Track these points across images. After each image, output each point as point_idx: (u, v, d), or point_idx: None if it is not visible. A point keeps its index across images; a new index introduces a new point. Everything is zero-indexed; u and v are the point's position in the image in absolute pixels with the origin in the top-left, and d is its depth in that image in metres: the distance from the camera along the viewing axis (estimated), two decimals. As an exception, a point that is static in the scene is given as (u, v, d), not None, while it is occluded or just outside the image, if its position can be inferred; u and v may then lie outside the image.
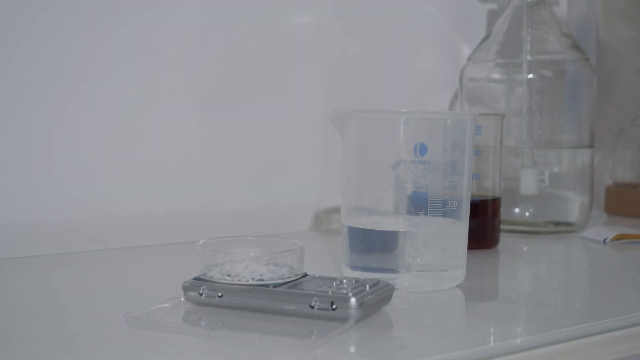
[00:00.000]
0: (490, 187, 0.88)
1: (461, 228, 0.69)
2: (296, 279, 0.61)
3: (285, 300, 0.58)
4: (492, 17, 1.09)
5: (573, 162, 1.00)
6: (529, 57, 0.97)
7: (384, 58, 1.04)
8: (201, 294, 0.60)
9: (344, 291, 0.57)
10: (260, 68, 0.95)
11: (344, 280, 0.60)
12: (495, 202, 0.87)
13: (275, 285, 0.59)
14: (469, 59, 1.01)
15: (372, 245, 0.68)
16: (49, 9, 0.81)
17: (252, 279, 0.60)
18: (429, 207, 0.67)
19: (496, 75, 0.99)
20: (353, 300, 0.56)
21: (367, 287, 0.58)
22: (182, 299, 0.61)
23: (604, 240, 0.91)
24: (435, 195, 0.67)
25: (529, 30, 0.97)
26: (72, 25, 0.82)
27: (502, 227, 0.91)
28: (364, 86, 1.03)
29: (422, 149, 0.67)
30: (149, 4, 0.87)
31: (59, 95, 0.82)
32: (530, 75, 0.97)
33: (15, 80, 0.80)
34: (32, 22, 0.80)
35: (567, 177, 1.00)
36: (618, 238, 0.91)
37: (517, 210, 0.98)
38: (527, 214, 0.97)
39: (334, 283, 0.59)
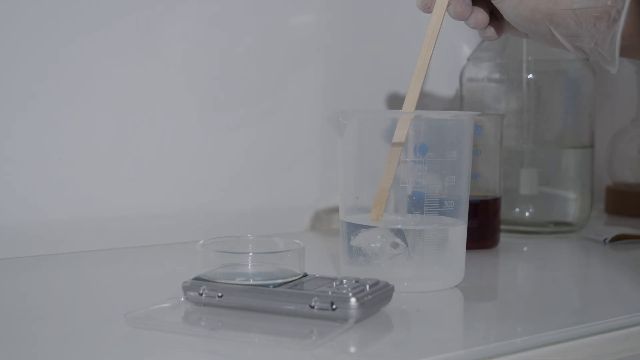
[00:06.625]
0: (490, 187, 0.88)
1: (459, 227, 0.69)
2: (296, 279, 0.61)
3: (285, 300, 0.58)
4: (492, 17, 1.08)
5: (573, 162, 1.00)
6: (529, 57, 0.97)
7: (383, 58, 1.04)
8: (201, 294, 0.60)
9: (344, 291, 0.57)
10: (259, 68, 0.95)
11: (344, 280, 0.60)
12: (495, 202, 0.87)
13: (275, 285, 0.59)
14: (469, 59, 1.01)
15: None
16: (49, 9, 0.81)
17: (252, 279, 0.60)
18: (425, 206, 0.67)
19: (496, 75, 0.99)
20: (353, 300, 0.56)
21: (367, 287, 0.58)
22: (182, 299, 0.61)
23: (604, 240, 0.91)
24: (433, 194, 0.67)
25: (529, 30, 0.97)
26: (72, 25, 0.82)
27: (502, 227, 0.91)
28: (362, 86, 1.03)
29: (422, 149, 0.67)
30: (149, 3, 0.87)
31: (58, 95, 0.82)
32: (530, 75, 0.97)
33: (14, 80, 0.80)
34: (32, 22, 0.80)
35: (567, 177, 0.99)
36: (618, 238, 0.91)
37: (517, 210, 0.98)
38: (527, 214, 0.97)
39: (334, 283, 0.59)
